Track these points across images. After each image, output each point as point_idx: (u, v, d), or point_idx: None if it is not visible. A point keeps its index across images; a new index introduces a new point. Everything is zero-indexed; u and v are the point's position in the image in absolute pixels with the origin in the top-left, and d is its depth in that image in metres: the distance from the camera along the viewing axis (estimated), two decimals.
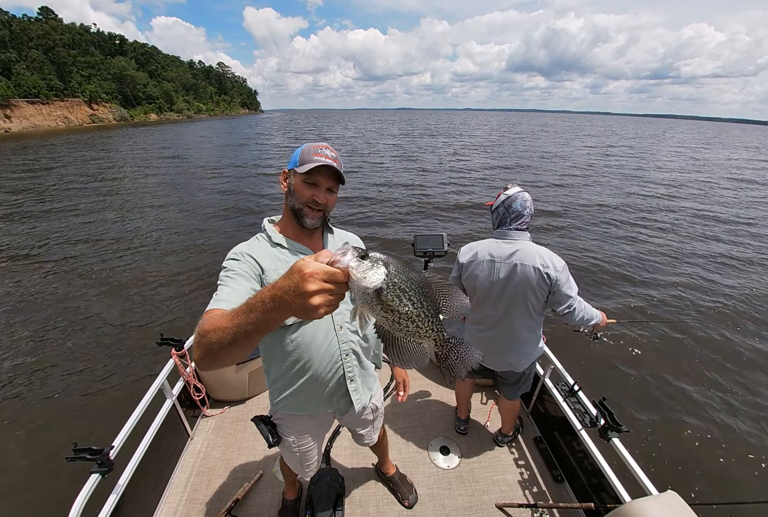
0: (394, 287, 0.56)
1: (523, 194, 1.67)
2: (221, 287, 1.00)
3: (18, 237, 8.18)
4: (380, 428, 1.71)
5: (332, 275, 0.53)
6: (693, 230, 9.05)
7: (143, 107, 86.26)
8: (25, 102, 58.17)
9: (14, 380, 3.85)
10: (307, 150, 1.09)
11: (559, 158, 22.25)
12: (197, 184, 14.04)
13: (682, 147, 35.85)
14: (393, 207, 10.63)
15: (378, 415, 1.58)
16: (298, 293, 0.54)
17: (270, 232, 1.18)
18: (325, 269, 0.53)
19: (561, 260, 1.64)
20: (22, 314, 5.13)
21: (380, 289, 0.55)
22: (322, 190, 1.09)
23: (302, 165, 1.07)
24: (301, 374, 1.18)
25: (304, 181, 1.08)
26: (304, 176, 1.08)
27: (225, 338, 0.67)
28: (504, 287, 1.68)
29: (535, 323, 1.77)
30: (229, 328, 0.66)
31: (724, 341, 4.64)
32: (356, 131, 47.33)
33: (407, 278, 0.58)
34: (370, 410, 1.49)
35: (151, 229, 8.76)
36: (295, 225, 1.16)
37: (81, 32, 79.03)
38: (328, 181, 1.09)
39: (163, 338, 2.14)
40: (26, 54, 62.43)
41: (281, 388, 1.24)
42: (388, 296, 0.56)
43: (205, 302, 5.38)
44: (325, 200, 1.10)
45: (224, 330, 0.67)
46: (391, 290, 0.56)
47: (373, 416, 1.54)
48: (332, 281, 0.54)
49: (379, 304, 0.56)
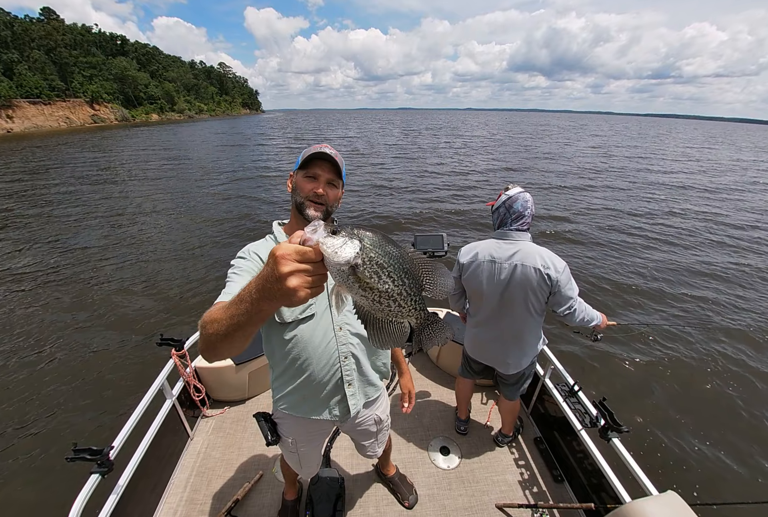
0: (371, 262, 0.52)
1: (524, 195, 1.67)
2: (228, 282, 1.04)
3: (20, 236, 8.21)
4: (386, 441, 1.69)
5: (303, 253, 0.52)
6: (706, 237, 8.80)
7: (144, 107, 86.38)
8: (27, 102, 58.29)
9: (14, 381, 3.86)
10: (307, 150, 1.12)
11: (564, 158, 22.21)
12: (197, 186, 14.06)
13: (689, 147, 35.76)
14: (394, 208, 10.63)
15: (383, 428, 1.55)
16: (276, 278, 0.52)
17: (277, 233, 1.23)
18: (296, 249, 0.52)
19: (562, 260, 1.63)
20: (23, 313, 5.14)
21: (356, 265, 0.51)
22: (321, 183, 1.10)
23: (303, 163, 1.12)
24: (299, 373, 1.18)
25: (305, 176, 1.11)
26: (303, 171, 1.11)
27: (220, 329, 0.69)
28: (504, 287, 1.68)
29: (535, 323, 1.76)
30: (223, 319, 0.67)
31: (725, 343, 4.63)
32: (358, 131, 47.37)
33: (384, 252, 0.54)
34: (372, 421, 1.46)
35: (151, 230, 8.77)
36: (300, 223, 1.18)
37: (83, 33, 79.19)
38: (327, 174, 1.11)
39: (163, 339, 2.14)
40: (28, 54, 62.58)
41: (280, 386, 1.26)
42: (365, 272, 0.52)
43: (205, 301, 5.43)
44: (325, 192, 1.11)
45: (219, 322, 0.69)
46: (367, 265, 0.52)
47: (377, 428, 1.51)
48: (306, 261, 0.52)
49: (357, 281, 0.53)
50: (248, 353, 2.52)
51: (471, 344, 2.03)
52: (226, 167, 18.20)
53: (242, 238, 8.14)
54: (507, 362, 1.88)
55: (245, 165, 18.92)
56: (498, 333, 1.82)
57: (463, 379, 2.27)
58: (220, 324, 0.68)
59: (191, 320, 4.91)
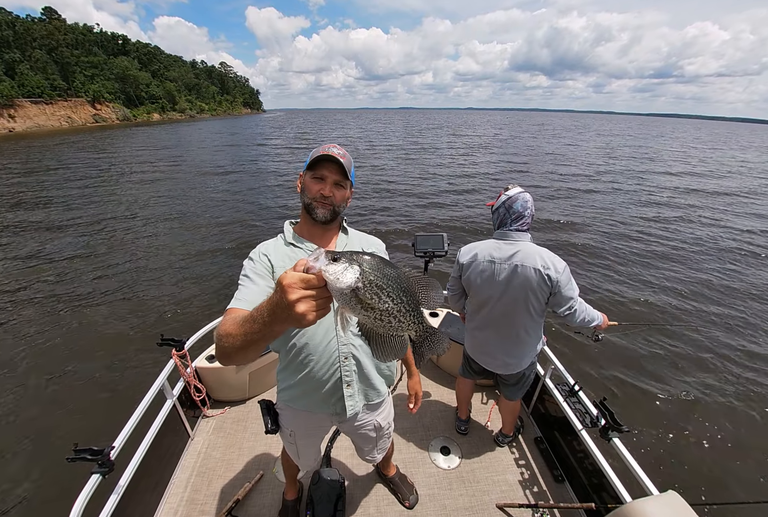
0: (371, 285, 0.57)
1: (524, 195, 1.67)
2: (239, 287, 1.08)
3: (22, 238, 8.23)
4: (387, 449, 1.67)
5: (308, 281, 0.56)
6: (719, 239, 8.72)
7: (146, 107, 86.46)
8: (29, 102, 58.37)
9: (14, 381, 3.86)
10: (316, 151, 1.14)
11: (568, 159, 22.14)
12: (198, 186, 14.08)
13: (692, 147, 35.62)
14: (396, 210, 10.62)
15: (383, 435, 1.54)
16: (284, 306, 0.57)
17: (286, 232, 1.26)
18: (301, 277, 0.56)
19: (562, 261, 1.63)
20: (24, 314, 5.16)
21: (357, 288, 0.56)
22: (328, 184, 1.13)
23: (311, 164, 1.14)
24: (301, 368, 1.20)
25: (312, 177, 1.14)
26: (311, 172, 1.14)
27: (235, 344, 0.74)
28: (505, 288, 1.67)
29: (535, 324, 1.76)
30: (238, 335, 0.73)
31: (726, 343, 4.62)
32: (359, 130, 47.30)
33: (383, 275, 0.58)
34: (372, 427, 1.45)
35: (152, 230, 8.78)
36: (309, 224, 1.22)
37: (84, 32, 79.24)
38: (334, 175, 1.13)
39: (163, 339, 2.14)
40: (30, 54, 62.66)
41: (283, 379, 1.29)
42: (366, 294, 0.56)
43: (205, 301, 5.41)
44: (332, 193, 1.13)
45: (234, 337, 0.74)
46: (368, 288, 0.56)
47: (376, 435, 1.49)
48: (310, 287, 0.56)
49: (359, 303, 0.57)
50: None
51: (471, 345, 2.03)
52: (228, 167, 18.23)
53: (243, 238, 8.15)
54: (507, 362, 1.87)
55: (244, 166, 18.95)
56: (498, 333, 1.81)
57: (463, 379, 2.27)
58: (235, 339, 0.74)
59: (192, 320, 4.91)
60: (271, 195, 12.45)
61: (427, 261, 2.71)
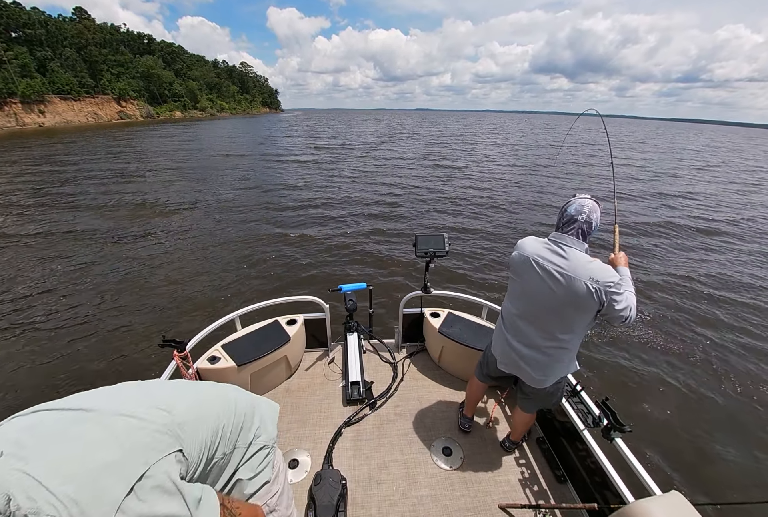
0: None
1: (583, 201, 1.54)
2: None
3: (26, 232, 8.47)
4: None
5: None
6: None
7: (168, 105, 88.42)
8: (59, 98, 60.49)
9: (14, 381, 3.89)
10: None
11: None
12: (218, 183, 14.36)
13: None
14: (412, 213, 10.50)
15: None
16: None
17: None
18: None
19: (614, 274, 1.47)
20: (25, 315, 5.14)
21: None
22: None
23: None
24: None
25: None
26: None
27: None
28: (546, 298, 1.55)
29: (575, 339, 1.62)
30: None
31: (728, 344, 4.55)
32: (375, 131, 47.37)
33: None
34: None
35: (157, 232, 8.71)
36: None
37: (112, 32, 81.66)
38: None
39: (165, 340, 2.10)
40: (60, 52, 64.92)
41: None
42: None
43: (207, 301, 5.39)
44: None
45: None
46: None
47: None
48: None
49: None
50: (250, 354, 2.45)
51: (500, 348, 1.86)
52: (247, 174, 18.41)
53: (243, 238, 8.20)
54: (535, 377, 1.73)
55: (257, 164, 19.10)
56: (530, 341, 1.67)
57: (477, 381, 2.19)
58: None
59: (192, 321, 4.90)
60: (294, 181, 12.54)
61: (428, 261, 2.66)
